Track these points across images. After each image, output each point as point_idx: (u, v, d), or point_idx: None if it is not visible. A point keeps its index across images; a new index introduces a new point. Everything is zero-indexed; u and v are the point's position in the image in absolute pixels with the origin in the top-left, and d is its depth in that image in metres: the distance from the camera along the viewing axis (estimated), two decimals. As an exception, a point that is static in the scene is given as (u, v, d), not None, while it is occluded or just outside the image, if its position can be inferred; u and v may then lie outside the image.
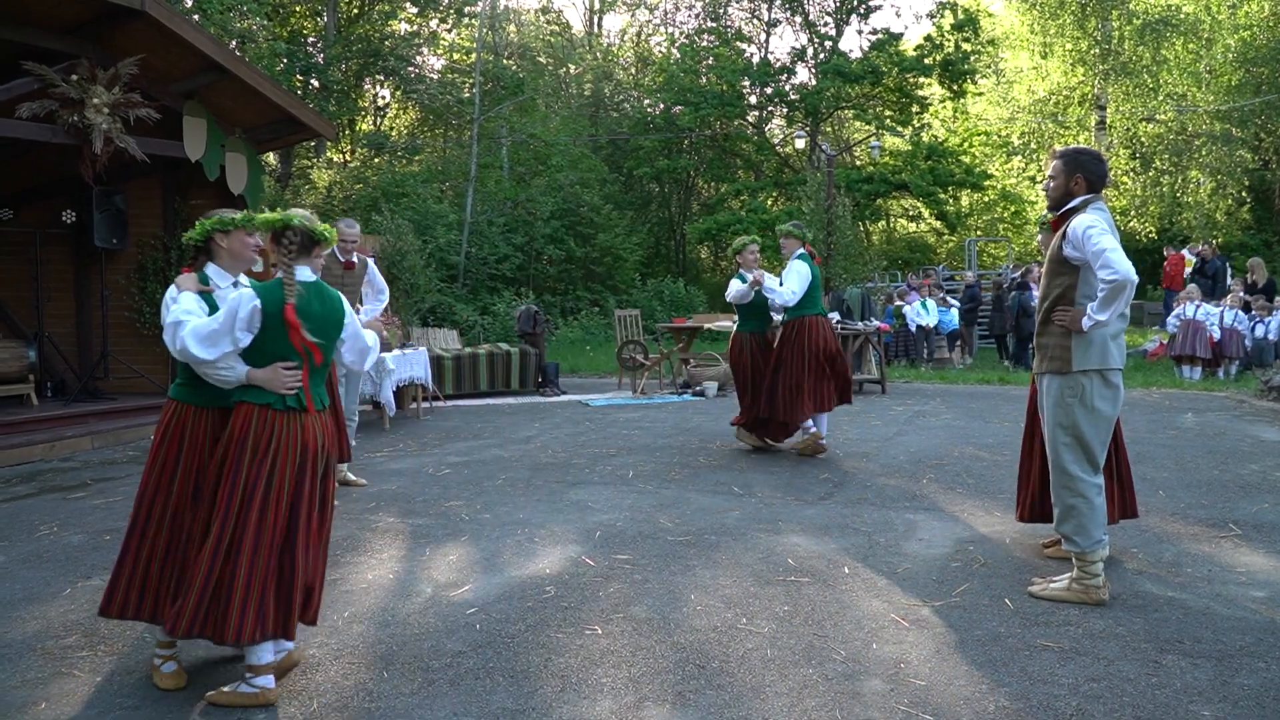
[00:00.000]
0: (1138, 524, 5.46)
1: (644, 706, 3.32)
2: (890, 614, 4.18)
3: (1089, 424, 4.19)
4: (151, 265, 10.82)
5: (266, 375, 3.42)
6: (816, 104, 27.70)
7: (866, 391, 12.84)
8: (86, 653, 3.88)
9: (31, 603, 4.51)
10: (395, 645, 3.91)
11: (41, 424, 9.15)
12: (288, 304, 3.40)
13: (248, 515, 3.34)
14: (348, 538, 5.61)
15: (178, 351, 3.44)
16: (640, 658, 3.74)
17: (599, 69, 32.50)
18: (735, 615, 4.19)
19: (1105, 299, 3.95)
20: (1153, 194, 25.05)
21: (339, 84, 23.78)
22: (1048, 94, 26.79)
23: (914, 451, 8.17)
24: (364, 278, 7.47)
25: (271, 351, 3.43)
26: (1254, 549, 5.11)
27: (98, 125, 8.57)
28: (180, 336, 3.39)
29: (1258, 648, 3.74)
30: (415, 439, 9.35)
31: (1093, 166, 4.20)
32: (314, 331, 3.49)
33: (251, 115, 10.19)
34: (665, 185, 31.31)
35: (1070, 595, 4.27)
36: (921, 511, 6.05)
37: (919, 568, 4.85)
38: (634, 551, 5.19)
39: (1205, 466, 7.31)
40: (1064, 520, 4.29)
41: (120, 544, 3.64)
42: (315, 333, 3.50)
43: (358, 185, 23.25)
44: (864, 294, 14.77)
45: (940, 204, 26.97)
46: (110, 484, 7.38)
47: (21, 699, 3.46)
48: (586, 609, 4.30)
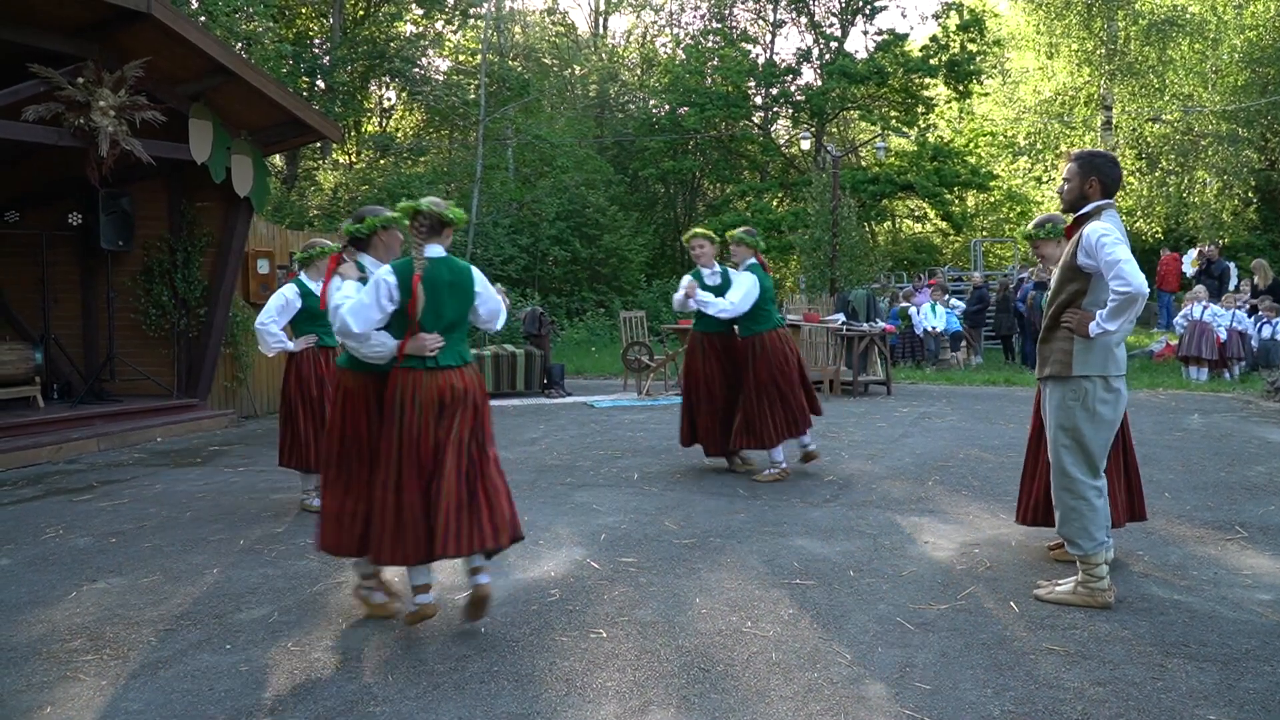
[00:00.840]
0: (1144, 526, 5.44)
1: (648, 710, 3.32)
2: (895, 617, 4.17)
3: (1090, 428, 4.19)
4: (158, 267, 10.83)
5: (413, 344, 3.98)
6: (822, 105, 27.67)
7: (872, 393, 12.83)
8: (92, 656, 3.89)
9: (37, 606, 4.52)
10: (400, 649, 3.91)
11: (48, 426, 9.17)
12: (415, 275, 3.94)
13: (412, 456, 3.93)
14: (353, 540, 5.62)
15: (338, 330, 3.98)
16: (645, 661, 3.74)
17: (604, 70, 32.50)
18: (740, 619, 4.18)
19: (1115, 309, 3.94)
20: (1159, 194, 24.98)
21: (345, 85, 23.81)
22: (1054, 94, 26.72)
23: (919, 454, 8.16)
24: None
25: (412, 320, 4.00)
26: (1260, 551, 5.09)
27: (104, 128, 8.60)
28: (340, 315, 3.94)
29: (1263, 651, 3.73)
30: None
31: (1108, 170, 4.20)
32: (445, 297, 4.02)
33: (257, 117, 10.21)
34: (670, 186, 31.28)
35: (1075, 599, 4.26)
36: (927, 514, 6.04)
37: (924, 571, 4.85)
38: (639, 554, 5.19)
39: (1211, 468, 7.29)
40: (1066, 524, 4.28)
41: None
42: (446, 298, 4.02)
43: (364, 187, 23.27)
44: (869, 295, 14.76)
45: (946, 204, 26.93)
46: (116, 486, 7.39)
47: (27, 703, 3.47)
48: (591, 612, 4.30)
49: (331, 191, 23.48)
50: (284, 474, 7.17)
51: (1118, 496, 4.81)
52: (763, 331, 7.13)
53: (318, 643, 3.98)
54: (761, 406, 7.04)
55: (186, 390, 10.81)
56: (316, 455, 6.25)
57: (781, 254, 25.84)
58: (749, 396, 7.09)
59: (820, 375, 12.74)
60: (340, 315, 3.93)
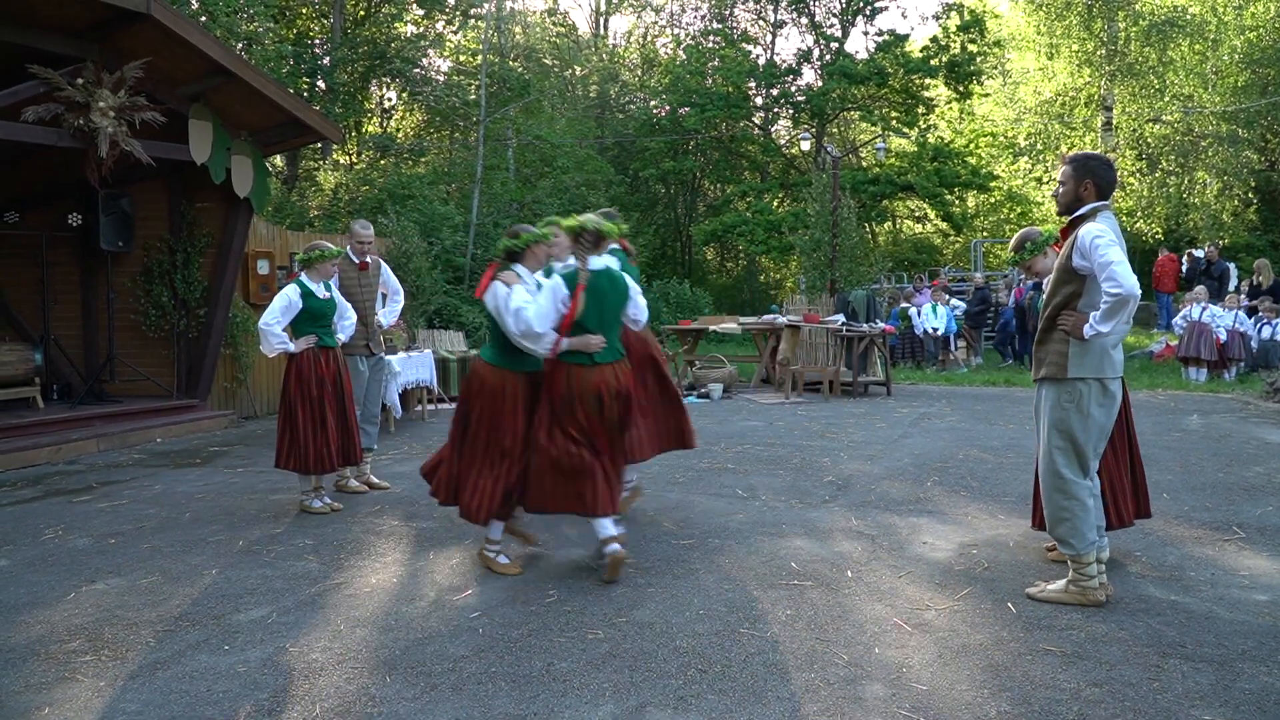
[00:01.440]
0: (1141, 527, 5.44)
1: (646, 711, 3.32)
2: (893, 618, 4.17)
3: (1083, 429, 4.20)
4: (157, 268, 10.84)
5: (579, 342, 4.72)
6: (822, 105, 27.66)
7: (872, 394, 12.83)
8: (90, 657, 3.90)
9: (35, 607, 4.53)
10: (398, 649, 3.91)
11: (47, 427, 9.18)
12: (579, 285, 4.69)
13: (576, 429, 4.74)
14: (351, 541, 5.63)
15: (520, 332, 4.68)
16: (642, 662, 3.74)
17: (605, 70, 32.50)
18: (738, 619, 4.19)
19: (1108, 311, 3.96)
20: (1159, 195, 24.95)
21: (345, 86, 23.80)
22: (1054, 95, 26.69)
23: (918, 454, 8.16)
24: (379, 278, 7.37)
25: (579, 323, 4.72)
26: (1258, 552, 5.10)
27: (103, 129, 8.60)
28: (524, 317, 4.65)
29: (1259, 652, 3.73)
30: (420, 441, 9.36)
31: (1102, 172, 4.22)
32: (607, 302, 4.80)
33: (257, 118, 10.22)
34: (671, 186, 31.27)
35: (1067, 597, 4.28)
36: (925, 515, 6.04)
37: (922, 571, 4.85)
38: (637, 555, 5.19)
39: (1210, 469, 7.29)
40: (1057, 524, 4.29)
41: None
42: (606, 303, 4.79)
43: (364, 187, 23.26)
44: (869, 296, 14.76)
45: (946, 205, 26.91)
46: (116, 487, 7.40)
47: (25, 704, 3.47)
48: (589, 613, 4.31)
49: (332, 192, 23.46)
50: (283, 475, 7.18)
51: (1124, 495, 4.81)
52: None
53: (316, 644, 3.98)
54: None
55: (186, 391, 10.81)
56: (316, 456, 6.26)
57: (782, 254, 25.85)
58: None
59: (820, 376, 12.75)
60: (524, 317, 4.64)
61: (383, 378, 7.56)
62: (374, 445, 7.23)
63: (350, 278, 7.02)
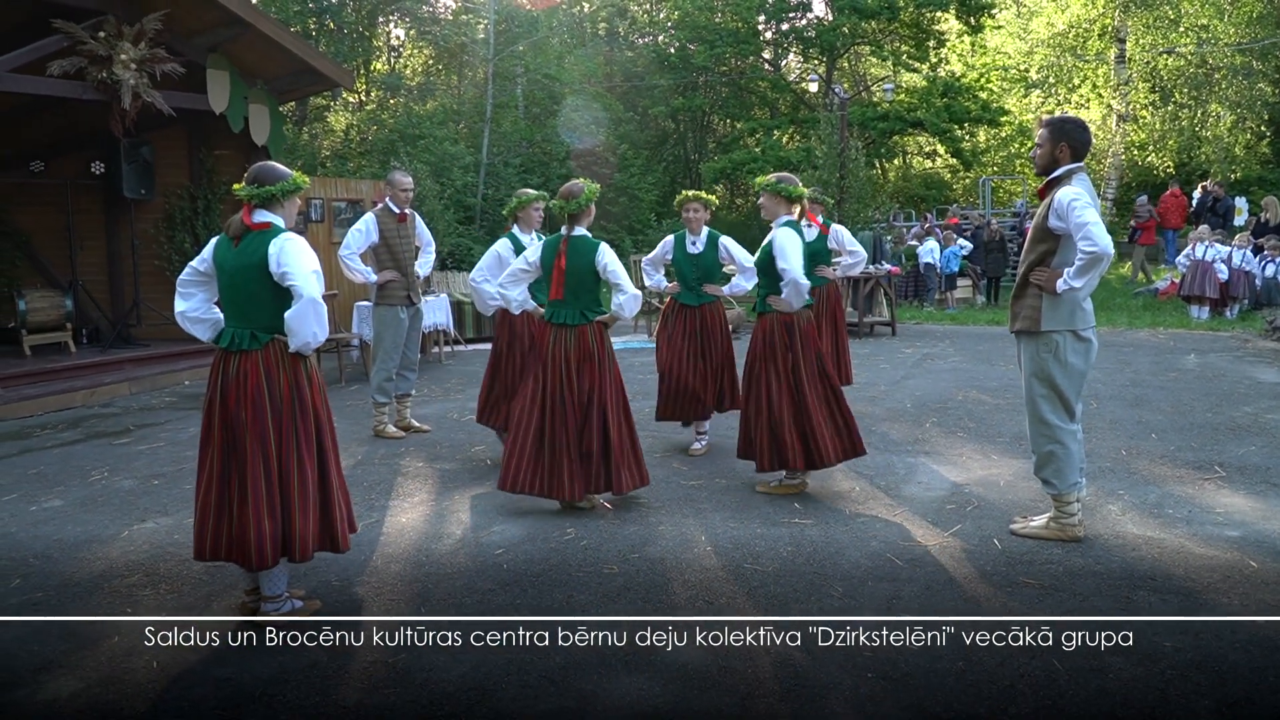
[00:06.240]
0: (1126, 466, 5.76)
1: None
2: (886, 554, 4.51)
3: (1063, 376, 4.50)
4: (179, 215, 11.11)
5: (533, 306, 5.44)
6: (832, 40, 27.46)
7: (877, 334, 13.09)
8: (149, 591, 4.26)
9: (94, 544, 4.90)
10: (430, 584, 4.27)
11: (81, 371, 9.54)
12: (559, 254, 5.14)
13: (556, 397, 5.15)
14: (380, 482, 5.97)
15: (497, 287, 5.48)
16: (654, 595, 4.09)
17: (613, 6, 32.21)
18: (742, 556, 4.53)
19: (1082, 268, 4.22)
20: (1172, 128, 24.86)
21: (352, 24, 23.76)
22: (1067, 27, 26.43)
23: (919, 396, 8.46)
24: (415, 229, 7.42)
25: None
26: (1235, 490, 5.40)
27: (125, 81, 8.81)
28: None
29: (1224, 584, 4.05)
30: (439, 384, 9.69)
31: (1077, 135, 4.44)
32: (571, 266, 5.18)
33: (273, 67, 10.40)
34: (681, 123, 31.18)
35: (1048, 533, 4.61)
36: (922, 455, 6.36)
37: (916, 510, 5.18)
38: (649, 494, 5.52)
39: (1200, 409, 7.57)
40: (1042, 465, 4.60)
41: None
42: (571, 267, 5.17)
43: (374, 128, 23.34)
44: (875, 236, 14.92)
45: (956, 141, 26.83)
46: (151, 430, 7.76)
47: (95, 633, 3.84)
48: (605, 549, 4.65)
49: (344, 133, 23.55)
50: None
51: (824, 435, 5.32)
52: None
53: (356, 578, 4.33)
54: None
55: (211, 334, 11.11)
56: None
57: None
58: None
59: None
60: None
61: (421, 325, 7.86)
62: (412, 390, 7.56)
63: (390, 229, 7.14)
